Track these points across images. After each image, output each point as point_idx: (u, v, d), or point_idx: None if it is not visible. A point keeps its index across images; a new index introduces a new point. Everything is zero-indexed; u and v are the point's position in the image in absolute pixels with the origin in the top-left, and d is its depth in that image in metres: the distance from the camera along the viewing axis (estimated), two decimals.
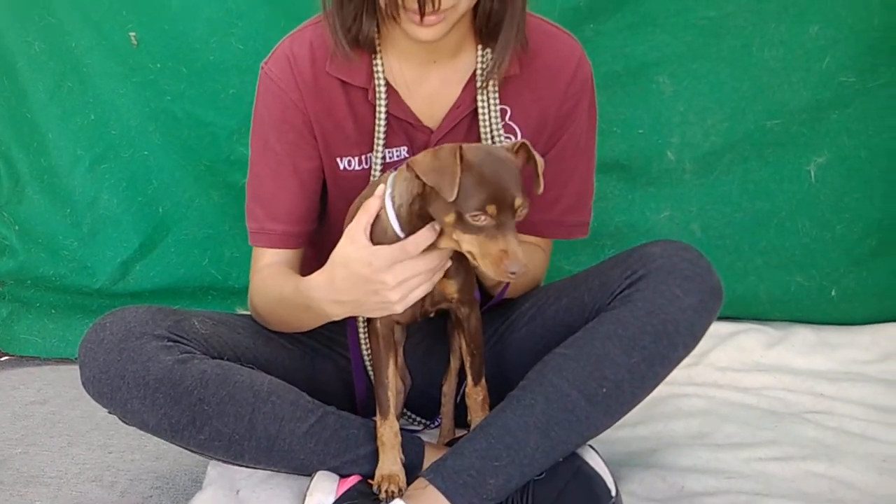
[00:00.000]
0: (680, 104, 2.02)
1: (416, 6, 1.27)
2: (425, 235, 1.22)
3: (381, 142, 1.44)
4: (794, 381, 1.83)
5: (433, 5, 1.27)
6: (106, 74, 2.12)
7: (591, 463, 1.32)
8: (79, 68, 2.13)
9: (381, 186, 1.27)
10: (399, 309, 1.26)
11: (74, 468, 1.68)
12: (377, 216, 1.26)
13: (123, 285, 2.18)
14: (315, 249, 1.53)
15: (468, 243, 1.16)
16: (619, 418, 1.34)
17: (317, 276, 1.31)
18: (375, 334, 1.37)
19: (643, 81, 2.02)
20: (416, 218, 1.22)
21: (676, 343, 1.31)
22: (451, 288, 1.33)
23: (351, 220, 1.29)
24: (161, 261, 2.20)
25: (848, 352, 1.93)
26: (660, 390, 1.71)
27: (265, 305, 1.50)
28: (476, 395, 1.41)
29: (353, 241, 1.25)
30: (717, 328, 1.98)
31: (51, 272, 2.20)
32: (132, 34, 2.07)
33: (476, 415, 1.41)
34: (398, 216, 1.23)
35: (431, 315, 1.40)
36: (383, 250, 1.22)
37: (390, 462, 1.34)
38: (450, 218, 1.16)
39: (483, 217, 1.14)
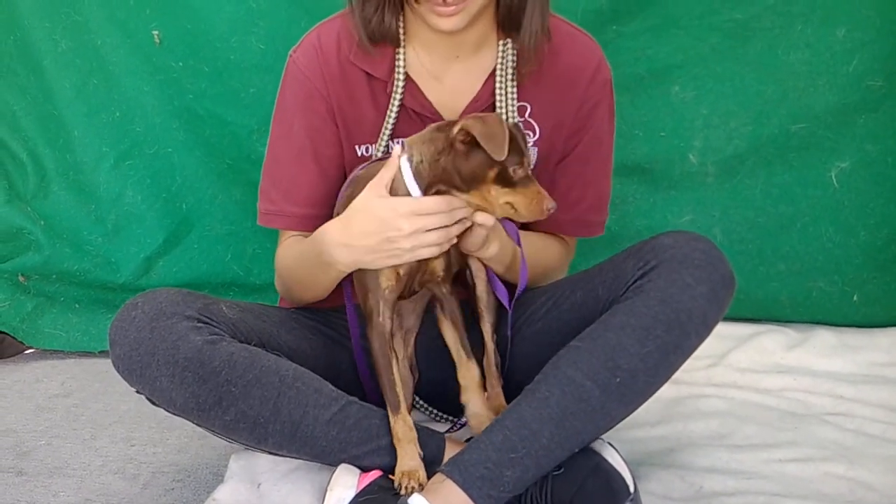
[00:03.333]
0: (703, 107, 2.02)
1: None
2: (445, 201, 1.29)
3: (388, 132, 1.48)
4: (814, 382, 1.82)
5: None
6: (130, 72, 2.14)
7: (610, 460, 1.32)
8: (104, 66, 2.15)
9: (397, 147, 1.33)
10: (406, 258, 1.31)
11: (98, 460, 1.70)
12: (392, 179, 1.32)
13: (147, 280, 2.20)
14: None
15: (506, 195, 1.29)
16: (634, 409, 1.34)
17: (333, 222, 1.37)
18: (378, 331, 1.38)
19: (666, 84, 2.02)
20: (438, 175, 1.30)
21: (689, 332, 1.31)
22: (438, 267, 1.38)
23: (343, 202, 1.36)
24: (184, 257, 2.21)
25: (869, 354, 1.92)
26: (679, 390, 1.73)
27: (285, 267, 1.53)
28: (468, 370, 1.43)
29: (376, 192, 1.31)
30: (738, 329, 2.00)
31: (75, 267, 2.22)
32: (155, 32, 2.09)
33: (470, 395, 1.42)
34: (417, 174, 1.31)
35: (416, 291, 1.43)
36: (406, 200, 1.30)
37: (409, 457, 1.34)
38: (492, 173, 1.28)
39: (520, 170, 1.28)
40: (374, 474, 1.36)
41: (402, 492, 1.29)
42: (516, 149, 1.27)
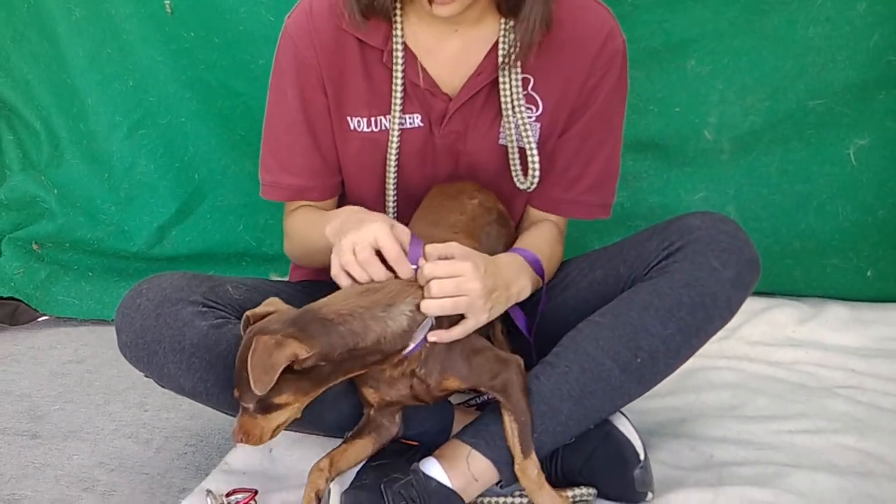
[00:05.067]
0: (719, 82, 1.99)
1: None
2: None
3: (399, 108, 1.42)
4: (825, 356, 1.82)
5: None
6: (144, 41, 2.14)
7: (621, 428, 1.33)
8: (118, 35, 2.15)
9: None
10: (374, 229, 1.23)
11: (111, 425, 1.71)
12: None
13: (160, 249, 2.21)
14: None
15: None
16: (651, 387, 1.34)
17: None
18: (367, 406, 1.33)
19: (681, 58, 1.99)
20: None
21: (713, 315, 1.31)
22: (454, 383, 1.28)
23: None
24: (197, 226, 2.22)
25: (881, 329, 1.91)
26: (691, 362, 1.71)
27: (296, 234, 1.51)
28: (527, 469, 1.26)
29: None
30: (750, 303, 1.92)
31: (88, 235, 2.23)
32: (167, 2, 2.09)
33: (537, 497, 1.27)
34: None
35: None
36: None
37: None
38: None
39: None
40: None
41: None
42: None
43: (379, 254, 1.23)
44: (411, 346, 1.22)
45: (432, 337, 1.23)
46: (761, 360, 1.81)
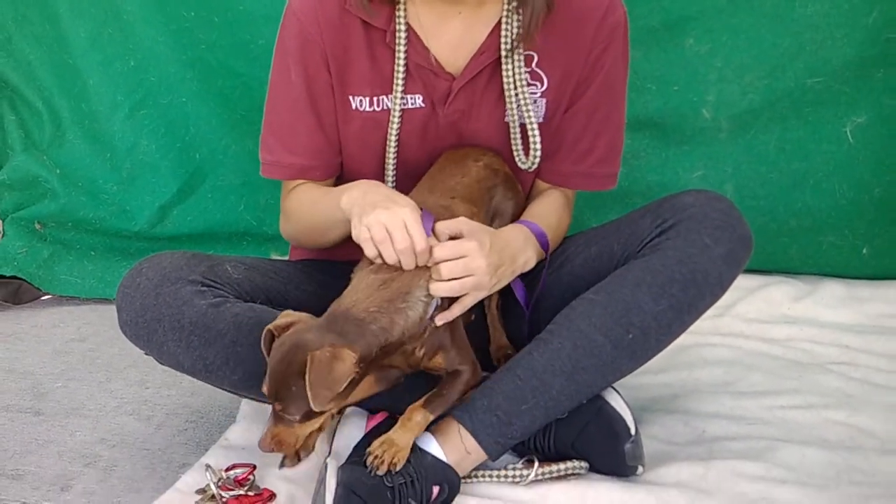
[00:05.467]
0: (717, 60, 2.00)
1: None
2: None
3: (400, 87, 1.43)
4: (820, 333, 1.85)
5: None
6: (144, 21, 2.16)
7: (613, 403, 1.35)
8: (119, 15, 2.17)
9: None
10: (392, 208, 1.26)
11: (113, 402, 1.74)
12: None
13: (161, 229, 2.23)
14: None
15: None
16: (643, 363, 1.36)
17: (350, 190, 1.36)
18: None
19: (680, 37, 2.00)
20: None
21: (704, 292, 1.32)
22: (439, 362, 1.31)
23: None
24: (198, 206, 2.24)
25: (876, 306, 1.93)
26: (685, 339, 1.73)
27: (295, 213, 1.52)
28: (415, 414, 1.28)
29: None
30: (746, 281, 1.99)
31: (91, 215, 2.26)
32: None
33: (398, 431, 1.27)
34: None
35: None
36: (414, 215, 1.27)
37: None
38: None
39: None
40: (381, 416, 1.39)
41: (371, 466, 1.24)
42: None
43: None
44: (424, 325, 1.26)
45: (440, 321, 1.27)
46: (756, 337, 1.83)
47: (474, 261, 1.26)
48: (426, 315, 1.26)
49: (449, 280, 1.26)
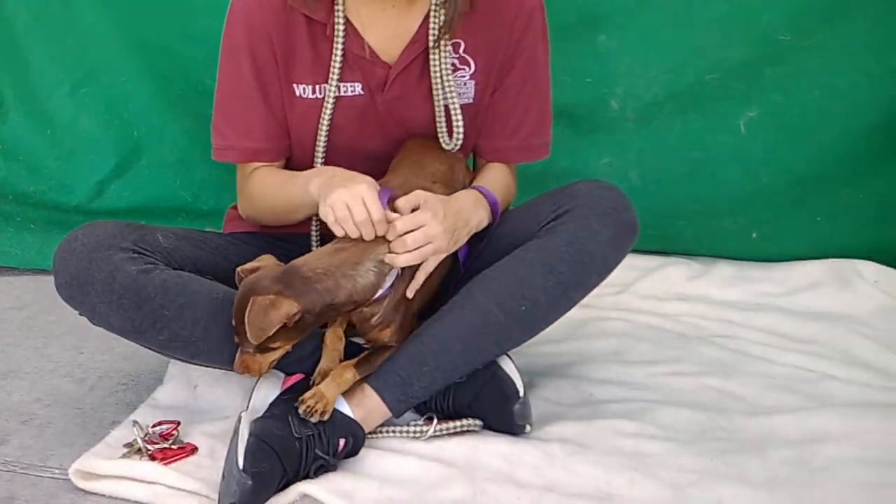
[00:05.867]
0: (626, 56, 2.13)
1: None
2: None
3: (336, 76, 1.56)
4: (708, 309, 2.00)
5: None
6: (87, 1, 2.22)
7: (506, 368, 1.50)
8: None
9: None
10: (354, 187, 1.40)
11: (49, 365, 1.83)
12: None
13: (99, 203, 2.31)
14: None
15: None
16: (535, 334, 1.51)
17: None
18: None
19: (593, 33, 2.13)
20: None
21: (591, 271, 1.48)
22: (386, 334, 1.47)
23: None
24: (135, 182, 2.32)
25: (762, 285, 2.09)
26: (587, 313, 1.90)
27: (260, 196, 1.62)
28: (345, 371, 1.43)
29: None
30: (646, 261, 2.17)
31: (31, 189, 2.33)
32: None
33: (327, 384, 1.42)
34: None
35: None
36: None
37: (328, 361, 1.47)
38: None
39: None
40: (297, 377, 1.51)
41: (304, 414, 1.37)
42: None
43: None
44: (380, 293, 1.41)
45: (410, 292, 1.45)
46: (650, 312, 1.98)
47: (432, 229, 1.41)
48: (380, 284, 1.41)
49: (411, 251, 1.40)
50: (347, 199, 1.39)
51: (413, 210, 1.44)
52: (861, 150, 2.10)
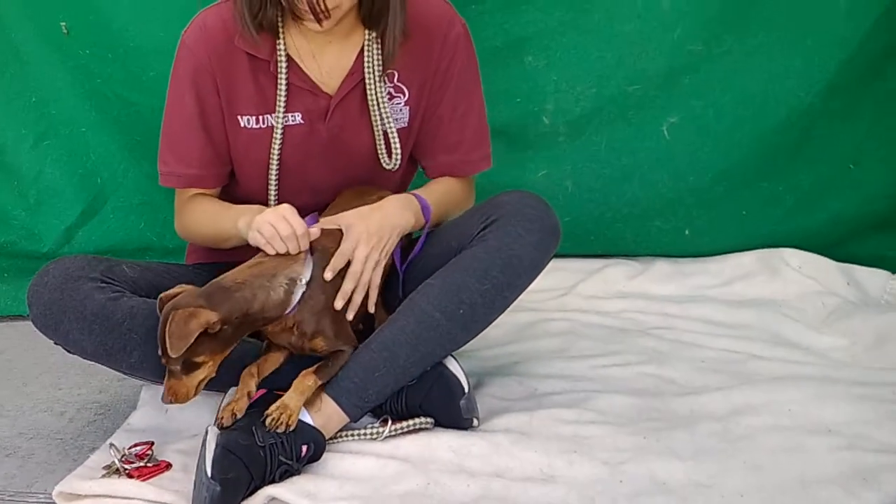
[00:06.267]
0: (553, 74, 2.29)
1: (314, 19, 1.57)
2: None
3: (282, 110, 1.70)
4: (647, 304, 2.14)
5: (325, 15, 1.56)
6: (43, 61, 2.34)
7: (451, 367, 1.62)
8: (19, 56, 2.34)
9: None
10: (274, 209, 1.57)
11: (29, 402, 1.93)
12: None
13: (68, 249, 2.42)
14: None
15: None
16: (476, 334, 1.63)
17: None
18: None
19: (520, 55, 2.28)
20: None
21: (520, 273, 1.61)
22: (320, 344, 1.57)
23: None
24: (101, 226, 2.43)
25: (698, 279, 2.24)
26: (533, 316, 2.03)
27: (194, 222, 1.76)
28: (307, 379, 1.53)
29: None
30: (588, 264, 2.31)
31: (2, 239, 2.43)
32: (63, 24, 2.29)
33: (290, 395, 1.51)
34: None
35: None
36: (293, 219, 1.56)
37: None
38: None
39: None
40: (260, 392, 1.63)
41: (270, 426, 1.47)
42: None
43: None
44: (288, 309, 1.53)
45: (339, 302, 1.57)
46: (592, 311, 2.12)
47: (360, 252, 1.59)
48: (288, 300, 1.52)
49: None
50: (271, 219, 1.54)
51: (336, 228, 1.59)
52: (774, 145, 2.27)
